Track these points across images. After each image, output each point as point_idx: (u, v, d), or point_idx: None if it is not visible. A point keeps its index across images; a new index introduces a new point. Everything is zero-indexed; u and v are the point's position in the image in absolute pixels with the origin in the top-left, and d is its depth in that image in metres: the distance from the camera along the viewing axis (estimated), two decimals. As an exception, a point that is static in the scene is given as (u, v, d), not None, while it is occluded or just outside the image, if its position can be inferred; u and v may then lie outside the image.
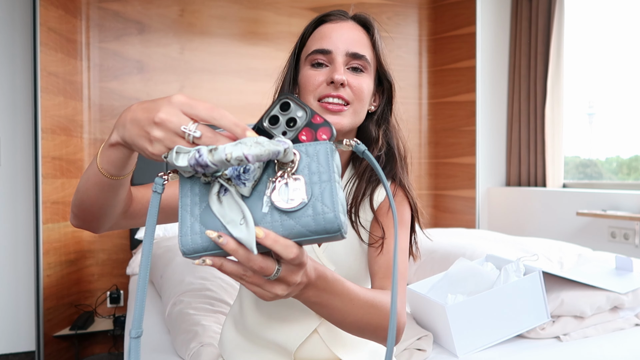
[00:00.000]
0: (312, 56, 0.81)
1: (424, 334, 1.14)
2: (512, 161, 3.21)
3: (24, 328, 2.52)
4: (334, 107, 0.78)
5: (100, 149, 0.61)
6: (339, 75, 0.77)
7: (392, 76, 0.88)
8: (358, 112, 0.81)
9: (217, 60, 2.83)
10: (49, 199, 2.29)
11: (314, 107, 0.80)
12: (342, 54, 0.80)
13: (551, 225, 2.82)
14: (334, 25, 0.83)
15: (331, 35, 0.81)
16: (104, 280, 2.65)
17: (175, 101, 0.52)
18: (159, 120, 0.51)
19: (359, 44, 0.82)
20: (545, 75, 2.97)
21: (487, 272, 1.28)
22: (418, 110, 3.33)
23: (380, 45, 0.86)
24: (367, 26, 0.85)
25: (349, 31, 0.82)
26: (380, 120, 0.88)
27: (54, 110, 2.34)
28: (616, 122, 2.87)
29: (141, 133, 0.53)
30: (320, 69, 0.81)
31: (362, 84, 0.81)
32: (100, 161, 0.62)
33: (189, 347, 1.10)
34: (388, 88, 0.88)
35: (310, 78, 0.80)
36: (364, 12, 0.87)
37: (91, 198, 0.67)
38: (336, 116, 0.79)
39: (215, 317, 1.26)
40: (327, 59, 0.81)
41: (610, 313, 1.27)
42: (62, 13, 2.40)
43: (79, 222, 0.74)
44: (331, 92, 0.78)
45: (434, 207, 3.37)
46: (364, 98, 0.81)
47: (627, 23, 2.75)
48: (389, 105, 0.89)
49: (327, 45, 0.80)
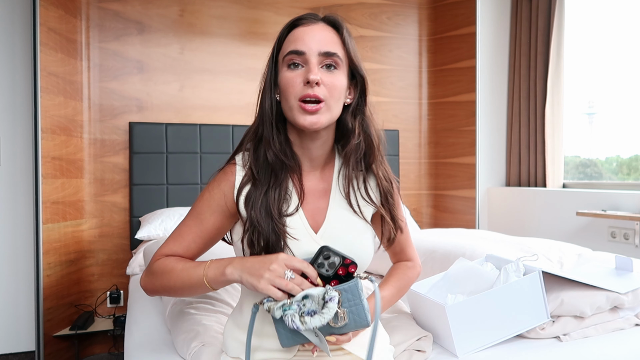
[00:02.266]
0: (288, 57, 0.90)
1: (423, 335, 1.14)
2: (512, 161, 3.21)
3: (24, 328, 2.52)
4: (311, 108, 0.88)
5: (213, 278, 0.88)
6: (314, 75, 0.87)
7: (364, 70, 0.96)
8: (332, 108, 0.91)
9: (217, 60, 2.83)
10: (49, 199, 2.29)
11: (294, 107, 0.89)
12: (315, 55, 0.89)
13: (551, 225, 2.82)
14: (306, 28, 0.91)
15: (304, 38, 0.90)
16: (104, 280, 2.65)
17: (280, 259, 0.82)
18: (272, 269, 0.80)
19: (330, 42, 0.90)
20: (545, 75, 2.97)
21: (487, 272, 1.28)
22: (418, 110, 3.33)
23: (350, 43, 0.94)
24: (336, 26, 0.93)
25: (320, 32, 0.91)
26: (356, 112, 0.97)
27: (54, 110, 2.34)
28: (616, 122, 2.87)
29: (256, 274, 0.81)
30: (296, 70, 0.90)
31: (335, 81, 0.90)
32: (214, 285, 0.89)
33: (190, 347, 1.10)
34: (361, 82, 0.96)
35: (289, 80, 0.89)
36: (333, 13, 0.95)
37: (185, 294, 0.96)
38: (313, 116, 0.88)
39: (217, 317, 1.26)
40: (302, 59, 0.89)
41: (610, 313, 1.27)
42: (62, 13, 2.40)
43: (157, 295, 1.07)
44: (309, 92, 0.87)
45: (434, 207, 3.37)
46: (338, 94, 0.91)
47: (627, 23, 2.75)
48: (363, 96, 0.97)
49: (301, 47, 0.89)
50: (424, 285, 1.33)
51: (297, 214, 0.93)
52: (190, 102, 2.78)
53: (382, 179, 0.99)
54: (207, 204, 0.96)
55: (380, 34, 3.20)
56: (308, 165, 0.98)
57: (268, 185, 0.92)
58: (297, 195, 0.95)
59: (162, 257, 0.97)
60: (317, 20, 0.93)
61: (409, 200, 3.31)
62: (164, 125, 2.66)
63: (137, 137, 2.61)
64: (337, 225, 0.95)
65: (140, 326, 1.41)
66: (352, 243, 0.94)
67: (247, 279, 0.82)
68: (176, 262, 0.94)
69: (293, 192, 0.95)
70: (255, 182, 0.93)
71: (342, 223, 0.95)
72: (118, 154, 2.65)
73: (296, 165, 0.96)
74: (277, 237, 0.89)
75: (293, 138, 0.96)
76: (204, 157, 2.72)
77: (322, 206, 0.96)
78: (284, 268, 0.80)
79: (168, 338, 1.28)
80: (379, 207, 0.98)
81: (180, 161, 2.68)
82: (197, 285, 0.90)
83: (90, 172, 2.60)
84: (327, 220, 0.95)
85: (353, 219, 0.96)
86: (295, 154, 0.96)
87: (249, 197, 0.92)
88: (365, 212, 0.97)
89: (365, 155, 0.98)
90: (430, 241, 1.83)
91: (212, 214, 0.96)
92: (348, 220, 0.96)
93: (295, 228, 0.92)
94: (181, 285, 0.92)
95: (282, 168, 0.93)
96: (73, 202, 2.50)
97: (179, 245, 0.97)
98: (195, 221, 0.97)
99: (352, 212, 0.97)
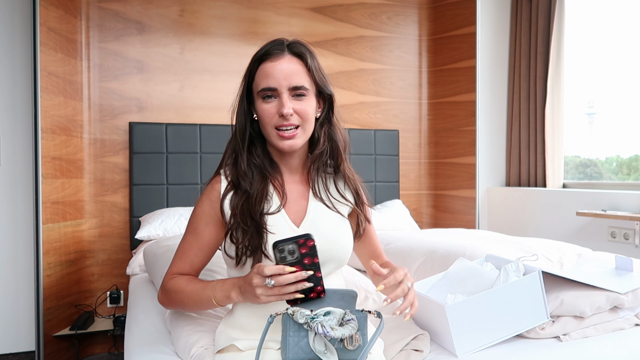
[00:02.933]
0: (261, 92, 1.01)
1: (419, 333, 1.14)
2: (512, 161, 3.21)
3: (24, 328, 2.52)
4: (287, 134, 1.01)
5: (221, 300, 0.98)
6: (287, 109, 0.99)
7: (330, 88, 1.07)
8: (307, 130, 1.04)
9: (217, 60, 2.83)
10: (49, 199, 2.29)
11: (272, 134, 1.02)
12: (285, 89, 1.00)
13: (551, 225, 2.82)
14: (274, 63, 1.01)
15: (273, 73, 1.00)
16: (104, 280, 2.65)
17: (253, 273, 0.89)
18: (255, 284, 0.88)
19: (297, 75, 1.01)
20: (545, 75, 2.97)
21: (486, 272, 1.28)
22: (418, 110, 3.33)
23: (315, 68, 1.04)
24: (301, 56, 1.03)
25: (287, 66, 1.01)
26: (324, 122, 1.09)
27: (54, 110, 2.34)
28: (616, 122, 2.87)
29: (252, 295, 0.90)
30: (270, 101, 1.01)
31: (306, 107, 1.02)
32: (222, 304, 1.00)
33: (191, 351, 1.10)
34: (328, 98, 1.08)
35: (265, 111, 1.01)
36: (297, 40, 1.05)
37: (196, 311, 1.16)
38: (290, 140, 1.01)
39: (217, 321, 1.25)
40: (274, 93, 1.01)
41: (610, 313, 1.27)
42: (62, 13, 2.41)
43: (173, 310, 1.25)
44: (284, 123, 1.00)
45: (434, 207, 3.37)
46: (310, 117, 1.03)
47: (628, 23, 2.75)
48: (331, 109, 1.09)
49: (272, 84, 1.00)
50: (424, 285, 1.33)
51: (279, 213, 1.04)
52: (190, 102, 2.78)
53: (349, 178, 1.12)
54: (200, 217, 1.06)
55: (380, 34, 3.20)
56: (288, 172, 1.10)
57: (248, 190, 1.02)
58: (278, 197, 1.06)
59: (173, 278, 1.08)
60: (282, 53, 1.02)
61: (409, 200, 3.31)
62: (164, 125, 2.66)
63: (137, 137, 2.61)
64: (317, 219, 1.06)
65: (140, 326, 1.41)
66: (332, 232, 1.06)
67: (249, 300, 0.93)
68: (186, 283, 1.05)
69: (274, 194, 1.06)
70: (236, 190, 1.04)
71: (321, 217, 1.07)
72: (118, 154, 2.65)
73: (277, 172, 1.08)
74: (258, 233, 0.99)
75: (272, 150, 1.09)
76: (204, 157, 2.72)
77: (302, 205, 1.08)
78: (261, 278, 0.87)
79: (168, 338, 1.28)
80: (352, 203, 1.11)
81: (180, 161, 2.68)
82: (207, 306, 1.03)
83: (90, 172, 2.60)
84: (307, 216, 1.06)
85: (331, 213, 1.08)
86: (275, 163, 1.09)
87: (232, 200, 1.03)
88: (340, 208, 1.09)
89: (332, 158, 1.10)
90: (430, 241, 1.83)
91: (206, 226, 1.06)
92: (327, 214, 1.08)
93: (276, 224, 1.02)
94: (193, 305, 1.05)
95: (260, 176, 1.05)
96: (73, 202, 2.50)
97: (184, 263, 1.08)
98: (193, 236, 1.07)
99: (328, 208, 1.08)
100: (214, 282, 1.01)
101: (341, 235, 1.07)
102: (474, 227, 3.09)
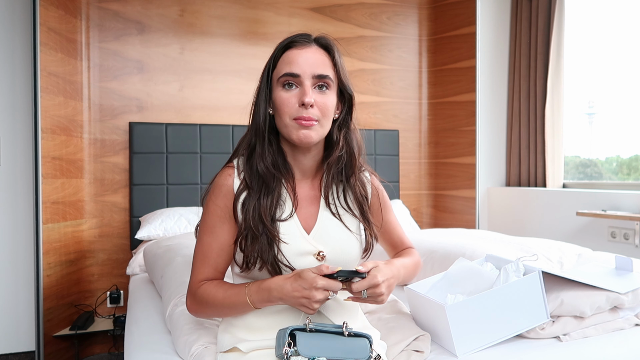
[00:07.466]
0: (283, 78, 0.97)
1: (420, 334, 1.14)
2: (512, 161, 3.21)
3: (24, 328, 2.52)
4: (306, 123, 0.95)
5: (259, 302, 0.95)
6: (308, 98, 0.94)
7: (352, 89, 1.04)
8: (324, 125, 0.99)
9: (217, 60, 2.83)
10: (49, 199, 2.29)
11: (289, 125, 0.96)
12: (309, 77, 0.96)
13: (551, 225, 2.82)
14: (300, 51, 0.97)
15: (298, 60, 0.96)
16: (104, 280, 2.65)
17: (315, 287, 0.88)
18: (317, 300, 0.89)
19: (322, 65, 0.98)
20: (545, 75, 2.97)
21: (487, 272, 1.28)
22: (418, 110, 3.33)
23: (340, 64, 1.01)
24: (328, 49, 1.01)
25: (313, 55, 0.97)
26: (342, 125, 1.05)
27: (54, 110, 2.34)
28: (616, 122, 2.87)
29: (305, 305, 0.90)
30: (291, 90, 0.97)
31: (326, 101, 0.98)
32: (260, 306, 0.97)
33: (191, 349, 1.10)
34: (349, 99, 1.04)
35: (284, 100, 0.96)
36: (324, 35, 1.02)
37: (232, 315, 1.02)
38: (307, 130, 0.96)
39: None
40: (296, 81, 0.96)
41: (610, 313, 1.27)
42: (62, 13, 2.40)
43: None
44: (303, 115, 0.95)
45: (434, 207, 3.37)
46: (329, 113, 0.99)
47: (628, 23, 2.75)
48: (350, 112, 1.06)
49: (296, 70, 0.96)
50: (423, 285, 1.33)
51: (291, 219, 1.01)
52: (190, 102, 2.78)
53: (357, 192, 1.08)
54: (215, 215, 1.01)
55: (380, 34, 3.20)
56: (300, 174, 1.06)
57: (260, 193, 0.99)
58: (291, 201, 1.02)
59: (201, 285, 1.02)
60: (310, 43, 0.99)
61: (409, 200, 3.31)
62: (164, 125, 2.66)
63: (137, 137, 2.61)
64: (328, 228, 1.03)
65: (140, 326, 1.41)
66: (339, 242, 1.03)
67: (296, 306, 0.93)
68: (216, 290, 1.00)
69: (287, 198, 1.02)
70: (249, 191, 1.00)
71: (330, 227, 1.04)
72: (118, 154, 2.65)
73: (289, 174, 1.03)
74: (269, 241, 0.96)
75: (286, 149, 1.04)
76: (204, 157, 2.72)
77: (313, 211, 1.05)
78: (324, 293, 0.89)
79: (168, 338, 1.28)
80: (358, 216, 1.07)
81: (180, 161, 2.68)
82: (245, 311, 0.99)
83: (90, 172, 2.60)
84: (318, 223, 1.04)
85: (340, 224, 1.05)
86: (288, 164, 1.04)
87: (244, 203, 0.99)
88: (346, 218, 1.06)
89: (346, 167, 1.06)
90: (430, 241, 1.83)
91: (223, 224, 1.01)
92: (336, 225, 1.05)
93: (288, 231, 0.99)
94: (229, 312, 1.01)
95: (273, 178, 1.00)
96: (73, 202, 2.50)
97: (207, 267, 1.02)
98: (211, 237, 1.01)
99: (337, 219, 1.06)
100: (247, 286, 0.97)
101: (348, 247, 1.04)
102: (474, 227, 3.09)
